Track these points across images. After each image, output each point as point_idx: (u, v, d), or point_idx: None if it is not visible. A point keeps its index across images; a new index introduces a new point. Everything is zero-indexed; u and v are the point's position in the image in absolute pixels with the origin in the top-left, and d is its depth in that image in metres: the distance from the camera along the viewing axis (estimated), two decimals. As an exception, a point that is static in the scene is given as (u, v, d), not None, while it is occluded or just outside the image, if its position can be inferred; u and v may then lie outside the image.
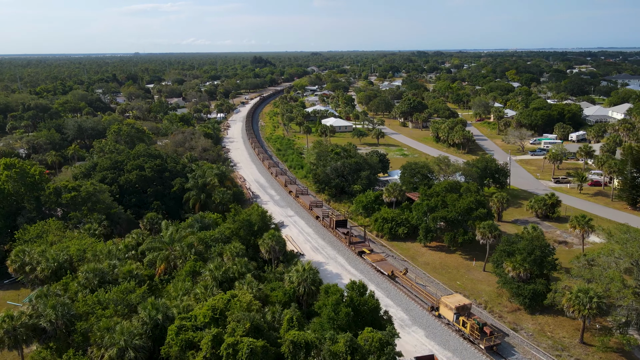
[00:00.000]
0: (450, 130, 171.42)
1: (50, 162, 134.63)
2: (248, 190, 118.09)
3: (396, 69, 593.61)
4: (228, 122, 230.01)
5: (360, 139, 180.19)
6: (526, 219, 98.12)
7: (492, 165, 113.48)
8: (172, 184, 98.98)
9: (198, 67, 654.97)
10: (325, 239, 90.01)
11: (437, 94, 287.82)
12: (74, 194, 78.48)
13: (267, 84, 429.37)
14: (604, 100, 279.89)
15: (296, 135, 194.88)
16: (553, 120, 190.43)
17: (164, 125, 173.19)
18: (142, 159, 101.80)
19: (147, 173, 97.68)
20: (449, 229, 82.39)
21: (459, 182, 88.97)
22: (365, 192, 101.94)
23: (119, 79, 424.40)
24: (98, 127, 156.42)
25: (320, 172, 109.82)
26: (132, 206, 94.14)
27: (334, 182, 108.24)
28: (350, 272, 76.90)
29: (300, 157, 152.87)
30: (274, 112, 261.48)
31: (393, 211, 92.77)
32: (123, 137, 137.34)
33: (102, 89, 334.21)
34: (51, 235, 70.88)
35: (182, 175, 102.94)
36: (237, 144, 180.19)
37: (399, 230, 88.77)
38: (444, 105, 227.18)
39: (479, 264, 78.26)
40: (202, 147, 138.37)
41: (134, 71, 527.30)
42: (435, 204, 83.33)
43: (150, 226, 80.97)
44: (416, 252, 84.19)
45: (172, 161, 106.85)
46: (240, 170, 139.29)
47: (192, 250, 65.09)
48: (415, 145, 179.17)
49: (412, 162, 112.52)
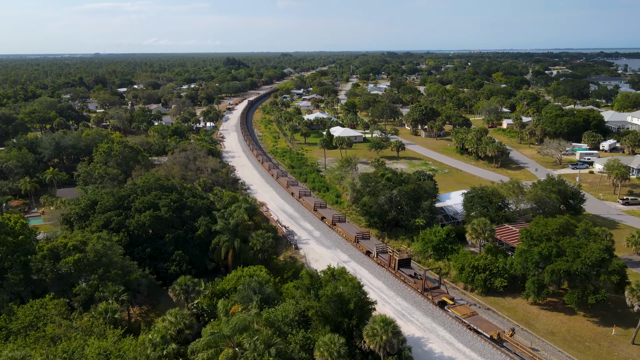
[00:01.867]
0: (478, 142, 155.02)
1: (24, 191, 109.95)
2: (278, 224, 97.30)
3: (377, 71, 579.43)
4: (221, 133, 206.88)
5: (377, 152, 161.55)
6: (628, 257, 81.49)
7: (565, 189, 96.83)
8: (195, 225, 77.32)
9: (168, 68, 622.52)
10: (394, 289, 70.72)
11: (436, 98, 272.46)
12: (77, 256, 56.25)
13: (248, 88, 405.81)
14: (608, 105, 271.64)
15: (304, 148, 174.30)
16: (579, 128, 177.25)
17: (156, 140, 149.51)
18: (153, 194, 79.67)
19: (163, 213, 75.71)
20: (572, 285, 64.44)
21: (572, 222, 71.17)
22: (434, 228, 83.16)
23: (86, 82, 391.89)
24: (79, 144, 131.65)
25: (370, 202, 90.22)
26: (146, 258, 72.27)
27: (390, 215, 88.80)
28: (437, 332, 58.53)
29: (320, 176, 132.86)
30: (268, 120, 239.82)
31: (480, 257, 74.27)
32: (114, 159, 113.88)
33: (70, 94, 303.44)
34: (51, 326, 48.76)
35: (204, 212, 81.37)
36: (240, 159, 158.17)
37: (496, 283, 70.39)
38: (456, 112, 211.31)
39: (621, 331, 60.66)
40: (211, 168, 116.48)
41: (100, 73, 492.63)
42: (549, 252, 65.34)
43: (185, 295, 59.67)
44: (527, 313, 65.91)
45: (190, 193, 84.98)
46: (257, 194, 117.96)
47: (272, 349, 44.45)
48: (438, 157, 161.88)
49: (477, 187, 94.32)
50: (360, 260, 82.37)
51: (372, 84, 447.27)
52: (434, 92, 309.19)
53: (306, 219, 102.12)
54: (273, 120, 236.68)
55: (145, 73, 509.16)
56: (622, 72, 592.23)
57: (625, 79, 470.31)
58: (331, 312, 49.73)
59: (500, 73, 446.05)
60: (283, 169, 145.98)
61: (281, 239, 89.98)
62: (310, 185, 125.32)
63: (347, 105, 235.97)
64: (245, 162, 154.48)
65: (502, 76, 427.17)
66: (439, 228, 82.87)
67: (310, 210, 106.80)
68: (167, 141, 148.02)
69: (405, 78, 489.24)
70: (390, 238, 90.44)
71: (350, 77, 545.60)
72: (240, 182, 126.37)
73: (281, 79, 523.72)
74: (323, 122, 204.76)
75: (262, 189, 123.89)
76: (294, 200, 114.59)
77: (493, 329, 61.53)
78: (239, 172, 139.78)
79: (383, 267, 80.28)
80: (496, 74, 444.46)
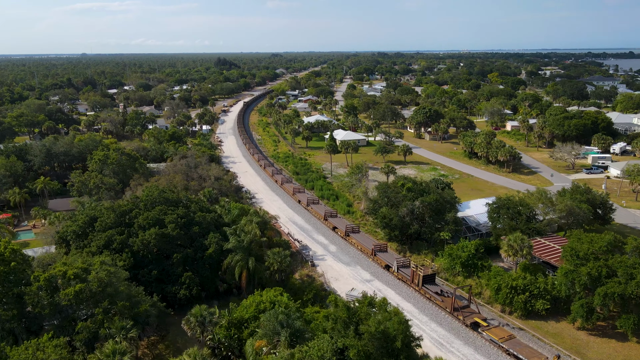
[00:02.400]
0: (488, 146, 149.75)
1: (13, 202, 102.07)
2: (290, 238, 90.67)
3: (370, 72, 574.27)
4: (218, 136, 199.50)
5: (384, 157, 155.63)
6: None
7: (593, 198, 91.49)
8: (205, 243, 70.45)
9: (159, 69, 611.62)
10: (427, 312, 64.64)
11: (436, 100, 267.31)
12: (79, 287, 49.18)
13: (242, 89, 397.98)
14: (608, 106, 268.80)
15: (306, 153, 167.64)
16: (588, 131, 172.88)
17: (153, 145, 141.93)
18: (158, 209, 72.67)
19: (169, 230, 68.74)
20: (626, 309, 58.74)
21: (619, 238, 65.50)
22: (461, 243, 77.21)
23: (74, 83, 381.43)
24: (72, 150, 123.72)
25: (391, 214, 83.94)
26: (152, 281, 65.33)
27: (412, 229, 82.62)
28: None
29: (328, 183, 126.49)
30: (265, 122, 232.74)
31: (517, 276, 68.39)
32: (110, 167, 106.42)
33: (59, 97, 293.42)
34: (51, 372, 41.76)
35: (213, 228, 74.56)
36: (241, 165, 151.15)
37: (537, 305, 64.54)
38: (460, 114, 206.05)
39: (684, 362, 55.08)
40: (215, 176, 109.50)
41: (89, 74, 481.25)
42: (599, 272, 59.62)
43: (201, 328, 52.93)
44: (575, 340, 60.10)
45: (197, 207, 78.05)
46: (263, 204, 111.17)
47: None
48: (446, 162, 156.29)
49: (503, 197, 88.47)
50: (384, 278, 76.10)
51: (366, 84, 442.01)
52: (432, 93, 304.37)
53: (319, 231, 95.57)
54: (271, 123, 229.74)
55: (136, 74, 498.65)
56: (614, 72, 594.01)
57: (618, 80, 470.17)
58: (375, 352, 43.32)
59: (496, 74, 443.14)
60: (287, 174, 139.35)
61: (295, 255, 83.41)
62: (319, 193, 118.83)
63: (348, 107, 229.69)
64: (246, 167, 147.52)
65: (497, 77, 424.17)
66: (467, 243, 76.90)
67: (321, 220, 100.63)
68: (165, 146, 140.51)
69: (400, 79, 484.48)
70: (411, 252, 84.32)
71: (343, 77, 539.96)
72: (244, 191, 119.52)
73: (274, 80, 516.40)
74: (324, 125, 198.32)
75: (268, 197, 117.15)
76: (303, 210, 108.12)
77: (536, 355, 55.85)
78: (242, 179, 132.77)
79: (405, 283, 74.51)
80: (492, 75, 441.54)
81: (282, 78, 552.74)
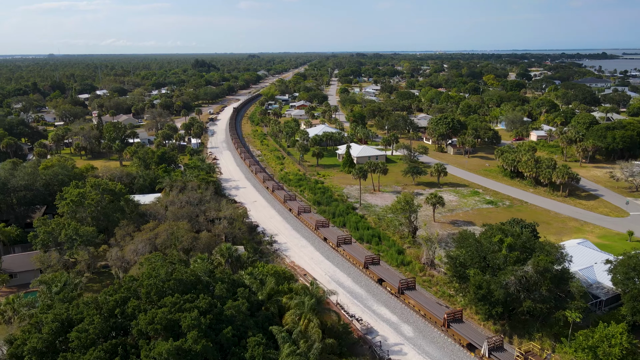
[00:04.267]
0: (537, 164, 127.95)
1: (-48, 263, 74.12)
2: (346, 316, 65.49)
3: (357, 73, 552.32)
4: (210, 152, 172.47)
5: (414, 178, 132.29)
6: None
7: None
8: (246, 358, 45.16)
9: (133, 71, 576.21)
10: None
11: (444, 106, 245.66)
12: None
13: (226, 93, 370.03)
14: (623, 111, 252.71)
15: (320, 173, 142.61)
16: (635, 143, 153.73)
17: (139, 170, 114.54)
18: (169, 302, 46.98)
19: (190, 344, 43.16)
20: None
21: None
22: (611, 328, 53.93)
23: (40, 88, 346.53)
24: (35, 183, 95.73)
25: (489, 283, 59.90)
26: None
27: (525, 306, 58.70)
28: None
29: (360, 217, 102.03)
30: (261, 133, 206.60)
31: None
32: (89, 210, 79.49)
33: (22, 104, 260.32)
34: None
35: (252, 324, 49.27)
36: (246, 190, 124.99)
37: None
38: (484, 125, 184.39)
39: None
40: (228, 217, 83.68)
41: (57, 77, 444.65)
42: None
43: None
44: None
45: (224, 288, 52.50)
46: (289, 252, 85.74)
47: None
48: (485, 183, 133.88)
49: (634, 252, 65.62)
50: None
51: (356, 87, 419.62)
52: (435, 98, 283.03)
53: (379, 300, 70.30)
54: (268, 134, 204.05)
55: (109, 77, 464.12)
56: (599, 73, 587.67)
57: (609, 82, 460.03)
58: None
59: (492, 76, 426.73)
60: (302, 201, 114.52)
61: (357, 345, 58.78)
62: (355, 234, 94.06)
63: (355, 115, 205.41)
64: (254, 194, 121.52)
65: (493, 79, 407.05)
66: (615, 328, 53.72)
67: (359, 267, 77.72)
68: (155, 171, 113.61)
69: (389, 81, 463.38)
70: (519, 336, 60.73)
71: (330, 80, 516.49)
72: (260, 232, 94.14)
73: (257, 83, 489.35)
74: (333, 138, 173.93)
75: (293, 241, 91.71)
76: (343, 260, 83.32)
77: None
78: (252, 212, 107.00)
79: None
80: (487, 77, 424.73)
81: (265, 81, 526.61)
